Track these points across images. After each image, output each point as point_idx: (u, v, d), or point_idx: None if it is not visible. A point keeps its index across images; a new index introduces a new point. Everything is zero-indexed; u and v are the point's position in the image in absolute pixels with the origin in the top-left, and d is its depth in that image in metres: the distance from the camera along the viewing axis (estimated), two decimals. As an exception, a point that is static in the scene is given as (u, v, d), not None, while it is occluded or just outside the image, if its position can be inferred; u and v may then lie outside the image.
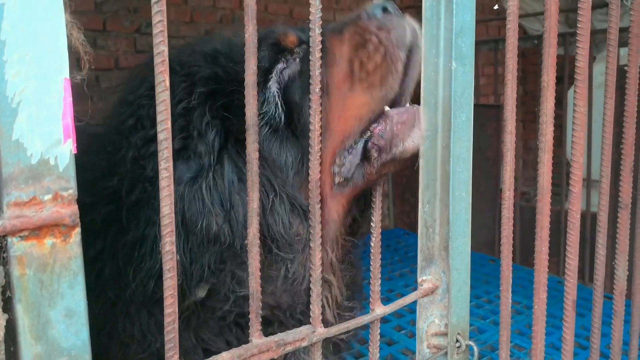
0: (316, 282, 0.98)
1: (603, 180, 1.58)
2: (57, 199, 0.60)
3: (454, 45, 1.08)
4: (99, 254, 1.24)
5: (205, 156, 1.17)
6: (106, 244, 1.24)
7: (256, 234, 0.88)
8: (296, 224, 1.24)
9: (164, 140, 0.75)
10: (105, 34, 3.55)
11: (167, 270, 0.78)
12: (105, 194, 1.22)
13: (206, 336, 1.27)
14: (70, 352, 0.64)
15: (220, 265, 1.18)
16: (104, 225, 1.23)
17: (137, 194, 1.18)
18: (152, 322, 1.24)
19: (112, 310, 1.29)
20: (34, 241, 0.60)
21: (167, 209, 0.77)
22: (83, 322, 0.64)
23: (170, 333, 0.80)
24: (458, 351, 1.18)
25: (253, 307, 0.90)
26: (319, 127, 0.94)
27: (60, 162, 0.61)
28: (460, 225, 1.15)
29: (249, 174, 0.87)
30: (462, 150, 1.13)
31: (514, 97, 1.22)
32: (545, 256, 1.42)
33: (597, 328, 1.64)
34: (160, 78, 0.74)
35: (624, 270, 1.70)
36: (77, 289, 0.63)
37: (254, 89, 0.85)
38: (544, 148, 1.34)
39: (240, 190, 1.17)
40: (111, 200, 1.21)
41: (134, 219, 1.17)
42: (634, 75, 1.61)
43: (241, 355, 0.87)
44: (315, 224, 0.96)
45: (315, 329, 0.98)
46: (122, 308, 1.27)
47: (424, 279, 1.19)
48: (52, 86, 0.59)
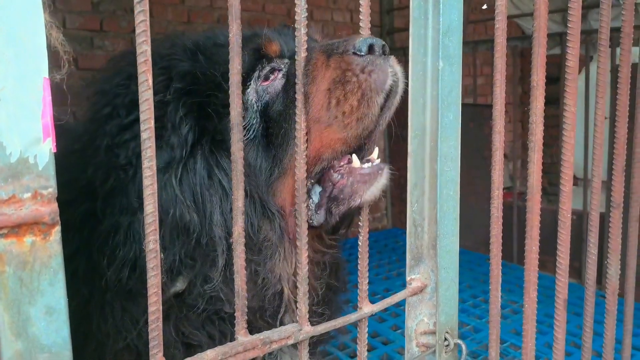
0: (303, 280, 0.98)
1: (594, 179, 1.59)
2: (37, 197, 0.61)
3: (441, 45, 1.08)
4: (75, 252, 1.25)
5: (177, 148, 1.19)
6: (82, 241, 1.24)
7: (241, 232, 0.89)
8: (266, 229, 1.27)
9: (148, 139, 0.76)
10: (103, 34, 3.56)
11: (151, 268, 0.78)
12: (82, 189, 1.23)
13: (187, 330, 1.28)
14: (51, 349, 0.64)
15: (191, 262, 1.19)
16: (81, 223, 1.24)
17: (111, 182, 1.19)
18: (126, 317, 1.25)
19: (86, 308, 1.29)
20: (14, 239, 0.60)
21: (151, 207, 0.77)
22: (64, 320, 0.65)
23: (154, 331, 0.80)
24: (446, 350, 1.19)
25: (239, 305, 0.90)
26: (304, 127, 0.95)
27: (40, 161, 0.61)
28: (448, 224, 1.16)
29: (234, 172, 0.87)
30: (449, 149, 1.13)
31: (502, 97, 1.23)
32: (536, 255, 1.43)
33: (589, 327, 1.64)
34: (144, 77, 0.74)
35: (616, 270, 1.70)
36: (58, 287, 0.64)
37: (239, 89, 0.85)
38: (533, 147, 1.34)
39: (210, 187, 1.19)
40: (88, 197, 1.22)
41: (108, 207, 1.18)
42: (626, 74, 1.61)
43: (226, 353, 0.87)
44: (301, 223, 0.97)
45: (301, 327, 0.98)
46: (95, 305, 1.28)
47: (412, 277, 1.20)
48: (31, 85, 0.59)
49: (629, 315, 1.82)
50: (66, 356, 0.65)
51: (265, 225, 1.27)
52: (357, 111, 1.17)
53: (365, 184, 1.25)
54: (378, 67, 1.18)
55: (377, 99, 1.18)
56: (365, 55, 1.18)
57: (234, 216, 0.89)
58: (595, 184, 1.59)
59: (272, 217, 1.27)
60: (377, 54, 1.19)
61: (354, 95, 1.17)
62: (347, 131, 1.18)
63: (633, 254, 1.81)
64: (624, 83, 1.61)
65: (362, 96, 1.17)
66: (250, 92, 1.29)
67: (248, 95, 1.28)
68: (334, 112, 1.18)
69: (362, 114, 1.18)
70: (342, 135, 1.19)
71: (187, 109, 1.23)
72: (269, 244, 1.28)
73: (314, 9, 4.46)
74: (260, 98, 1.29)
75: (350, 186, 1.24)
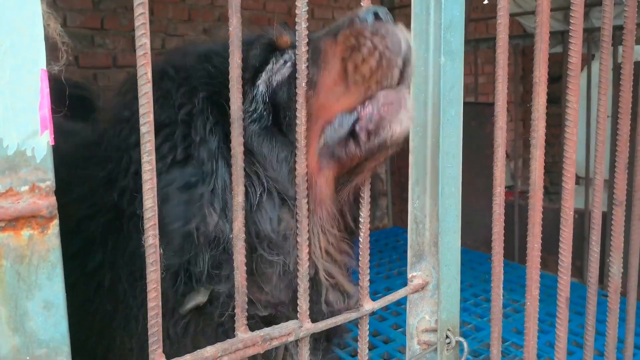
0: (303, 277, 0.98)
1: (597, 177, 1.58)
2: (34, 190, 0.60)
3: (443, 40, 1.07)
4: (99, 266, 1.24)
5: (208, 163, 1.16)
6: (106, 256, 1.23)
7: (241, 227, 0.88)
8: (287, 218, 1.22)
9: (147, 134, 0.75)
10: (104, 32, 3.55)
11: (150, 263, 0.78)
12: (104, 205, 1.21)
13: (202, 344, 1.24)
14: (49, 344, 0.64)
15: (216, 271, 1.16)
16: (103, 236, 1.22)
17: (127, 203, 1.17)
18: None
19: (109, 323, 1.28)
20: (11, 232, 0.60)
21: (150, 202, 0.77)
22: (62, 314, 0.64)
23: (153, 327, 0.79)
24: (448, 347, 1.18)
25: (239, 301, 0.90)
26: (304, 122, 0.94)
27: (38, 154, 0.60)
28: (450, 221, 1.15)
29: (234, 167, 0.87)
30: (451, 146, 1.12)
31: (505, 92, 1.22)
32: (538, 253, 1.42)
33: (591, 325, 1.63)
34: (143, 71, 0.74)
35: (618, 268, 1.69)
36: (56, 281, 0.63)
37: (239, 83, 0.85)
38: (536, 144, 1.33)
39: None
40: (110, 210, 1.20)
41: (135, 230, 1.15)
42: (629, 71, 1.60)
43: (226, 349, 0.87)
44: (302, 219, 0.96)
45: (302, 324, 0.97)
46: (120, 322, 1.26)
47: (414, 274, 1.19)
48: (28, 77, 0.59)
49: (631, 314, 1.81)
50: (64, 351, 0.65)
51: (286, 215, 1.23)
52: (377, 73, 1.12)
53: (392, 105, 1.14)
54: (390, 31, 1.13)
55: (397, 60, 1.12)
56: (373, 22, 1.15)
57: (233, 211, 0.88)
58: (598, 182, 1.58)
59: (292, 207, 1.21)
60: (384, 21, 1.15)
61: (371, 58, 1.11)
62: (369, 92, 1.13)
63: (635, 252, 1.80)
64: (627, 80, 1.60)
65: (380, 57, 1.11)
66: (260, 83, 1.26)
67: (258, 87, 1.25)
68: (352, 78, 1.13)
69: (383, 75, 1.12)
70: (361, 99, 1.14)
71: (216, 117, 1.19)
72: (292, 231, 1.23)
73: (314, 7, 4.45)
74: (270, 84, 1.26)
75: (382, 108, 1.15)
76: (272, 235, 1.20)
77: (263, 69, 1.26)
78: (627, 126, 1.63)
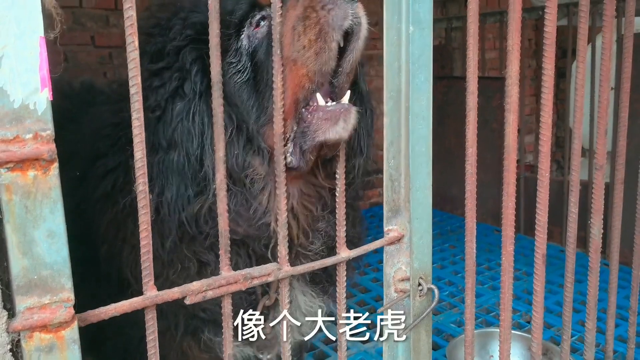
0: (282, 225, 1.10)
1: (575, 141, 1.66)
2: (37, 137, 0.73)
3: (411, 11, 1.17)
4: (116, 167, 1.52)
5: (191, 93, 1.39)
6: (122, 160, 1.49)
7: (223, 179, 1.00)
8: (255, 164, 1.42)
9: (135, 94, 0.87)
10: (118, 12, 3.67)
11: (141, 207, 0.90)
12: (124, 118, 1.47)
13: (197, 249, 1.50)
14: (53, 267, 0.77)
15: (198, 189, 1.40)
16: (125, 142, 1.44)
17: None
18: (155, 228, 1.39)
19: (123, 216, 1.53)
20: (19, 172, 0.72)
21: (140, 154, 0.89)
22: (63, 242, 0.77)
23: (145, 262, 0.92)
24: (420, 293, 1.29)
25: (222, 243, 1.02)
26: (281, 86, 1.05)
27: (39, 107, 0.73)
28: (420, 178, 1.25)
29: (215, 126, 0.98)
30: (421, 109, 1.22)
31: (475, 60, 1.31)
32: (512, 212, 1.51)
33: (570, 282, 1.73)
34: (130, 39, 0.85)
35: (599, 229, 1.78)
36: (57, 214, 0.76)
37: (218, 51, 0.96)
38: (509, 109, 1.42)
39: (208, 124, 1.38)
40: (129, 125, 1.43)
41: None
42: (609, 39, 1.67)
43: (210, 284, 0.99)
44: (279, 172, 1.08)
45: (282, 267, 1.10)
46: (130, 215, 1.48)
47: (390, 228, 1.30)
48: (29, 43, 0.71)
49: (614, 274, 1.90)
50: (65, 273, 0.78)
51: (255, 160, 1.42)
52: (315, 45, 1.23)
53: (329, 120, 1.31)
54: (338, 5, 1.24)
55: (334, 34, 1.24)
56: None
57: (216, 165, 1.00)
58: (576, 148, 1.66)
59: (261, 154, 1.41)
60: None
61: (311, 30, 1.23)
62: (308, 65, 1.25)
63: (618, 216, 1.88)
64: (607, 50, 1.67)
65: (319, 31, 1.23)
66: (243, 37, 1.42)
67: (242, 40, 1.41)
68: (296, 47, 1.25)
69: (320, 48, 1.23)
70: (304, 71, 1.26)
71: (196, 54, 1.40)
72: (259, 178, 1.44)
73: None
74: (251, 43, 1.41)
75: (315, 123, 1.32)
76: (235, 168, 1.40)
77: (244, 24, 1.42)
78: (607, 93, 1.71)
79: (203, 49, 1.33)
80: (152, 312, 0.94)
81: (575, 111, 1.62)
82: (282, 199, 1.09)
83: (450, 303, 3.15)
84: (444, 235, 4.24)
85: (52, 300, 0.77)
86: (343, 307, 1.23)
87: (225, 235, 1.02)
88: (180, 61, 1.40)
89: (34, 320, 0.75)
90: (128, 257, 1.57)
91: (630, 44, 1.74)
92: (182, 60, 1.40)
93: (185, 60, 1.40)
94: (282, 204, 1.09)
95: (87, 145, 1.73)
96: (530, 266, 3.64)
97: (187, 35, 1.41)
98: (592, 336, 1.84)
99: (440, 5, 5.18)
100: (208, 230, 1.45)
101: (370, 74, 5.03)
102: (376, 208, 5.02)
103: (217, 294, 1.00)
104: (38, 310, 0.76)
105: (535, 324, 1.60)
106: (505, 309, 1.51)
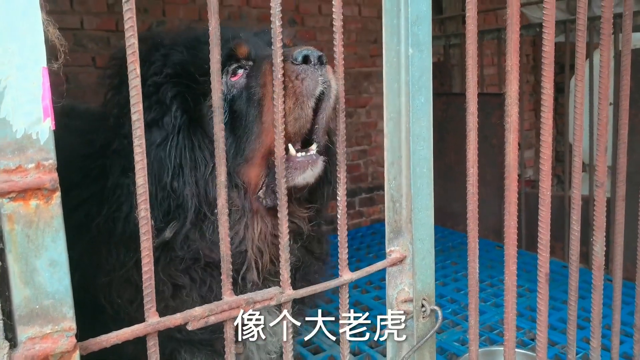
0: (284, 248, 1.09)
1: (575, 159, 1.66)
2: (39, 167, 0.73)
3: (411, 33, 1.18)
4: (89, 197, 1.57)
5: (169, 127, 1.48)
6: (97, 190, 1.54)
7: (225, 204, 1.00)
8: (233, 196, 1.52)
9: (137, 121, 0.88)
10: (118, 33, 3.70)
11: (143, 233, 0.90)
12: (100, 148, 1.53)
13: (173, 273, 1.55)
14: (54, 296, 0.76)
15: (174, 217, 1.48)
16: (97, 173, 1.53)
17: (116, 145, 1.47)
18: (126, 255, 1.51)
19: (96, 244, 1.59)
20: (21, 202, 0.72)
21: (142, 180, 0.89)
22: (65, 271, 0.77)
23: (147, 289, 0.92)
24: (424, 315, 1.29)
25: (224, 268, 1.02)
26: (282, 110, 1.06)
27: (41, 137, 0.73)
28: (422, 199, 1.25)
29: (217, 150, 0.98)
30: (421, 130, 1.23)
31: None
32: (514, 230, 1.51)
33: (573, 300, 1.72)
34: (132, 67, 0.86)
35: (601, 246, 1.77)
36: (59, 243, 0.76)
37: (219, 76, 0.97)
38: (509, 128, 1.43)
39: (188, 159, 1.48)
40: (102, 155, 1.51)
41: (114, 167, 1.47)
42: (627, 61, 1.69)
43: (213, 310, 0.99)
44: (281, 196, 1.08)
45: (284, 290, 1.09)
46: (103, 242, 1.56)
47: (392, 249, 1.30)
48: (32, 74, 0.71)
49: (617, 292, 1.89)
50: (67, 302, 0.77)
51: (233, 194, 1.52)
52: (293, 112, 1.39)
53: (297, 170, 1.47)
54: (309, 75, 1.39)
55: (309, 102, 1.40)
56: (299, 64, 1.39)
57: (218, 189, 1.00)
58: (577, 163, 1.66)
59: (238, 187, 1.52)
60: (312, 64, 1.39)
61: (289, 99, 1.38)
62: (287, 128, 1.35)
63: (620, 232, 1.87)
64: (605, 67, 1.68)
65: (296, 100, 1.38)
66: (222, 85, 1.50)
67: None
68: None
69: (297, 115, 1.39)
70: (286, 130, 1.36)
71: (175, 91, 1.50)
72: (236, 209, 1.53)
73: (322, 3, 4.55)
74: (230, 91, 1.54)
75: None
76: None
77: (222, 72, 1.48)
78: (606, 110, 1.71)
79: (182, 87, 1.50)
80: (154, 339, 0.93)
81: (575, 129, 1.63)
82: (283, 222, 1.08)
83: (453, 321, 3.12)
84: (445, 252, 4.23)
85: (54, 329, 0.76)
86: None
87: (227, 259, 1.01)
88: (160, 95, 1.49)
89: (36, 350, 0.75)
90: (102, 282, 1.61)
91: (628, 61, 1.75)
92: (162, 96, 1.49)
93: (165, 96, 1.49)
94: (283, 227, 1.08)
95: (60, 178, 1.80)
96: (533, 282, 3.62)
97: (167, 74, 1.51)
98: (597, 355, 1.82)
99: (438, 23, 5.23)
100: (183, 255, 1.52)
101: (370, 90, 5.07)
102: (377, 225, 5.01)
103: (219, 319, 1.00)
104: (40, 340, 0.75)
105: (540, 343, 1.58)
106: (509, 329, 1.50)
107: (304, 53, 1.38)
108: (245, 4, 4.22)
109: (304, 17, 4.51)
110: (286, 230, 1.09)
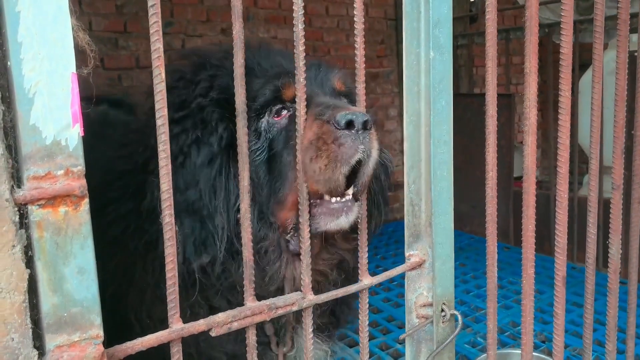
0: (305, 253, 1.09)
1: (592, 161, 1.65)
2: (69, 173, 0.72)
3: (432, 36, 1.17)
4: (129, 212, 1.55)
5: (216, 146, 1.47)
6: (135, 206, 1.51)
7: (247, 208, 0.99)
8: (271, 236, 1.51)
9: (162, 126, 0.87)
10: (127, 35, 3.71)
11: (167, 239, 0.90)
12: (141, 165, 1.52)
13: (210, 296, 1.55)
14: (83, 304, 0.76)
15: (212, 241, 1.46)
16: (135, 190, 1.52)
17: (152, 166, 1.44)
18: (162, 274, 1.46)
19: (132, 260, 1.58)
20: (50, 209, 0.72)
21: (166, 186, 0.88)
22: (93, 279, 0.76)
23: (171, 295, 0.91)
24: (443, 320, 1.28)
25: (247, 274, 1.01)
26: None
27: (70, 143, 0.72)
28: (442, 203, 1.24)
29: (240, 155, 0.98)
30: (442, 134, 1.22)
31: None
32: (532, 234, 1.50)
33: (589, 304, 1.71)
34: (157, 71, 0.85)
35: (617, 249, 1.76)
36: (87, 250, 0.75)
37: (242, 80, 0.96)
38: (528, 131, 1.42)
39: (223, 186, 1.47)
40: (142, 171, 1.49)
41: (150, 188, 1.45)
42: (623, 60, 1.67)
43: (235, 316, 0.98)
44: (303, 207, 1.07)
45: (305, 296, 1.08)
46: (139, 260, 1.55)
47: (411, 253, 1.29)
48: (61, 80, 0.71)
49: (633, 294, 1.88)
50: (95, 310, 0.77)
51: (268, 231, 1.50)
52: (324, 173, 1.32)
53: (331, 215, 1.43)
54: (349, 142, 1.31)
55: (342, 168, 1.31)
56: (341, 129, 1.31)
57: (240, 194, 0.99)
58: (593, 166, 1.65)
59: (273, 227, 1.51)
60: (355, 129, 1.30)
61: (322, 160, 1.32)
62: (318, 186, 1.33)
63: (636, 235, 1.86)
64: (622, 69, 1.67)
65: (328, 162, 1.31)
66: (263, 121, 1.52)
67: (262, 124, 1.52)
68: (309, 166, 1.32)
69: (328, 177, 1.32)
70: (315, 188, 1.33)
71: (220, 115, 1.48)
72: (274, 249, 1.52)
73: (329, 4, 4.54)
74: (270, 129, 1.52)
75: (318, 216, 1.44)
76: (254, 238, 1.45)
77: (265, 110, 1.51)
78: (623, 113, 1.70)
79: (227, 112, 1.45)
80: (178, 345, 0.93)
81: (592, 131, 1.62)
82: (305, 227, 1.08)
83: (463, 323, 3.11)
84: (453, 253, 4.22)
85: (82, 337, 0.76)
86: (365, 334, 1.21)
87: (249, 265, 1.01)
88: (204, 115, 1.48)
89: (64, 359, 0.74)
90: (134, 300, 1.61)
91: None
92: (207, 116, 1.48)
93: (210, 118, 1.48)
94: (305, 232, 1.08)
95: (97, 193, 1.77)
96: (543, 284, 3.62)
97: (212, 98, 1.50)
98: (613, 358, 1.81)
99: (444, 23, 5.20)
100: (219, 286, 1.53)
101: (377, 91, 5.06)
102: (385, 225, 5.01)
103: (242, 324, 0.99)
104: (68, 348, 0.75)
105: (556, 347, 1.57)
106: (526, 332, 1.49)
107: (348, 118, 1.29)
108: (252, 4, 4.21)
109: (311, 17, 4.51)
110: (307, 235, 1.08)
